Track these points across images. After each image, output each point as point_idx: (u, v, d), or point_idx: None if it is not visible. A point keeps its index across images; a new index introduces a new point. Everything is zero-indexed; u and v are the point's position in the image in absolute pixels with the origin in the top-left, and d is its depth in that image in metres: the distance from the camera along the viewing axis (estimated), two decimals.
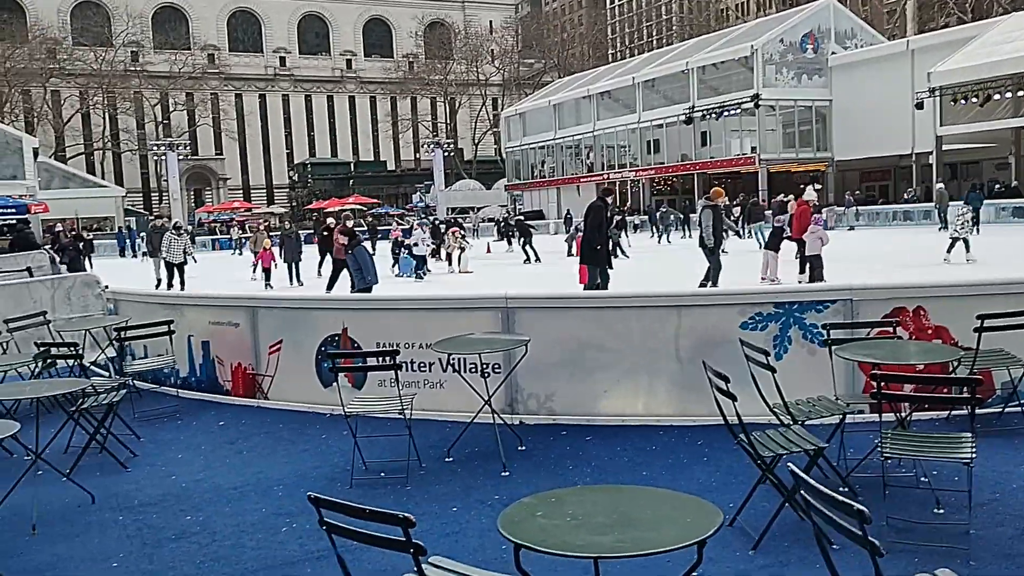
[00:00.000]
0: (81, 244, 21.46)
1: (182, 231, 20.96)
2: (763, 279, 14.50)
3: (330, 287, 16.09)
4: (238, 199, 75.86)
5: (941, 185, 31.60)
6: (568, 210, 35.86)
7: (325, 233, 21.25)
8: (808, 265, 14.37)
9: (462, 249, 23.73)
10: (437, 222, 31.75)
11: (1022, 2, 51.88)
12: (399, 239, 23.79)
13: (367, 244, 17.56)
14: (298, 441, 6.71)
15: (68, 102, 70.64)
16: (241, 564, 4.42)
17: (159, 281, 20.41)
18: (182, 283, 19.12)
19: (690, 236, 33.24)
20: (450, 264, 23.67)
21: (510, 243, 31.87)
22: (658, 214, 35.44)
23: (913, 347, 5.86)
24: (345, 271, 15.03)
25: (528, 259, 25.30)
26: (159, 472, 6.11)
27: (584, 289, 11.67)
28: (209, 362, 8.45)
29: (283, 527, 4.88)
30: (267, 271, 21.17)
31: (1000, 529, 4.31)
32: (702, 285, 12.97)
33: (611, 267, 12.26)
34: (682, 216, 36.33)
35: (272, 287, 20.09)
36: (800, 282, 13.85)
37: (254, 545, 4.66)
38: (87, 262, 25.65)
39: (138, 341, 8.49)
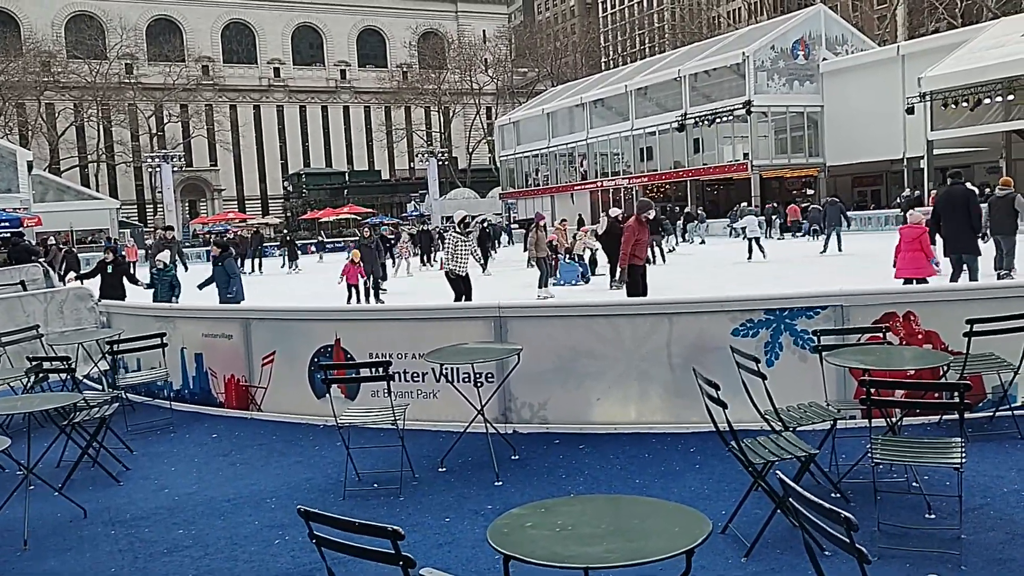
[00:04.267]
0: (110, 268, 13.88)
1: (471, 229, 14.46)
2: None
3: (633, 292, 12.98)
4: (233, 210, 75.79)
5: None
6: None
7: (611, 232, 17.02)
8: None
9: (593, 251, 21.65)
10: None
11: (1011, 7, 52.19)
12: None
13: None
14: (291, 453, 6.70)
15: (63, 115, 70.53)
16: None
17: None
18: (468, 294, 13.35)
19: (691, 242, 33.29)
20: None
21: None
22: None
23: (903, 352, 5.87)
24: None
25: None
26: (152, 485, 6.10)
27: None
28: (202, 374, 8.43)
29: (276, 540, 4.87)
30: (352, 287, 17.38)
31: (991, 534, 4.32)
32: (1002, 276, 12.91)
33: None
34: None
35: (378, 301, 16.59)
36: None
37: (247, 558, 4.64)
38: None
39: (131, 354, 8.50)
